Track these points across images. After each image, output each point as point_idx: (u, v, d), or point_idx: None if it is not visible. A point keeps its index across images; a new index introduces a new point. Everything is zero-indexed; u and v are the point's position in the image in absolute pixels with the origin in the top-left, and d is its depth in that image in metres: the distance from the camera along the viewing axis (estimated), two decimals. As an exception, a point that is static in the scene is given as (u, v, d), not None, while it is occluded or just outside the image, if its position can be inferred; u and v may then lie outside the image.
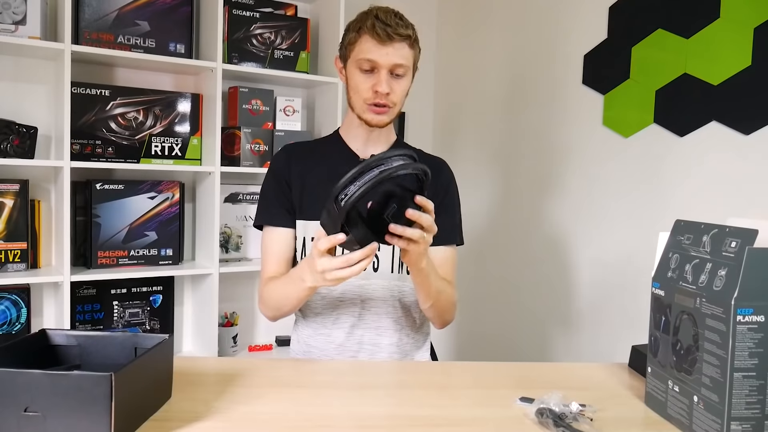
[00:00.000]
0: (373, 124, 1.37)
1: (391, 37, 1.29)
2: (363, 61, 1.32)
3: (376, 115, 1.36)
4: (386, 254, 1.40)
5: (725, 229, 0.88)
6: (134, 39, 2.14)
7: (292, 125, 2.48)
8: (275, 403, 1.00)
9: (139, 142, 2.19)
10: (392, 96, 1.34)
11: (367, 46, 1.31)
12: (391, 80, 1.33)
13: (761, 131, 1.59)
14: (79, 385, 0.78)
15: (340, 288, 1.39)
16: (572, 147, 2.19)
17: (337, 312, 1.41)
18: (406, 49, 1.33)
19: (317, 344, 1.42)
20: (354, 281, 1.38)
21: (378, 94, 1.32)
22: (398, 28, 1.30)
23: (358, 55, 1.33)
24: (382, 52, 1.30)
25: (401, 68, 1.33)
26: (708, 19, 1.71)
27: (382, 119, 1.37)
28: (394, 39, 1.30)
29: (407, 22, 1.35)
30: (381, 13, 1.32)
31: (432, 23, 2.95)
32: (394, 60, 1.31)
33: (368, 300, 1.40)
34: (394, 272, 1.41)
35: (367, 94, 1.34)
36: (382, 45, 1.30)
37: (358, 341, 1.40)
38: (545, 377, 1.18)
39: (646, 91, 1.90)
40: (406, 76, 1.36)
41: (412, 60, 1.36)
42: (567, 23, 2.21)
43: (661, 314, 0.99)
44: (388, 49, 1.30)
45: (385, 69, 1.32)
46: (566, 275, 2.22)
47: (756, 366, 0.82)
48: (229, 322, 2.41)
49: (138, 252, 2.19)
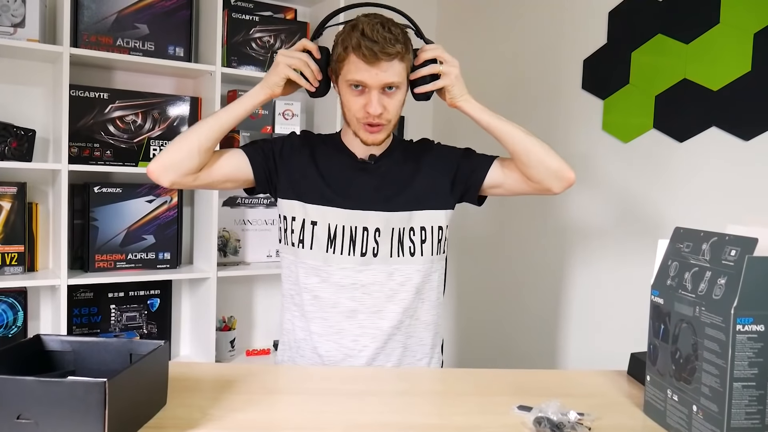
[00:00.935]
0: (369, 143, 1.36)
1: (378, 57, 1.24)
2: (352, 81, 1.29)
3: (370, 134, 1.35)
4: (385, 239, 1.39)
5: (725, 237, 0.87)
6: (133, 42, 2.14)
7: (290, 129, 2.47)
8: (271, 410, 0.99)
9: (137, 146, 2.18)
10: (385, 114, 1.32)
11: (355, 67, 1.27)
12: (383, 98, 1.30)
13: (761, 137, 1.58)
14: (72, 392, 0.78)
15: (338, 274, 1.39)
16: (572, 152, 2.18)
17: (337, 296, 1.40)
18: (396, 64, 1.28)
19: (316, 329, 1.41)
20: (354, 267, 1.38)
21: (370, 114, 1.30)
22: (386, 46, 1.24)
23: (346, 75, 1.29)
24: (372, 73, 1.26)
25: (393, 84, 1.30)
26: (708, 25, 1.70)
27: (377, 137, 1.35)
28: (382, 59, 1.25)
29: (396, 33, 1.28)
30: (367, 28, 1.25)
31: (432, 28, 2.95)
32: (384, 80, 1.27)
33: (368, 284, 1.39)
34: (393, 256, 1.40)
35: (359, 113, 1.32)
36: (369, 65, 1.26)
37: (359, 325, 1.39)
38: (544, 384, 1.18)
39: (645, 97, 1.89)
40: (400, 89, 1.33)
41: (404, 72, 1.32)
42: (567, 28, 2.21)
43: (660, 322, 0.98)
44: (377, 70, 1.26)
45: (376, 89, 1.28)
46: (565, 281, 2.21)
47: (756, 376, 0.81)
48: (227, 326, 2.40)
49: (136, 255, 2.18)
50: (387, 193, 1.41)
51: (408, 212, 1.41)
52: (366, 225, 1.39)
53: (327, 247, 1.39)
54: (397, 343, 1.41)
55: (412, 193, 1.42)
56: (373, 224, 1.39)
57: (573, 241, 2.18)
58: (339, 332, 1.40)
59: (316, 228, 1.40)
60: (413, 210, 1.41)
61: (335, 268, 1.39)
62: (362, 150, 1.43)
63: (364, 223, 1.39)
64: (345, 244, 1.39)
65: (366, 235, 1.39)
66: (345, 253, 1.39)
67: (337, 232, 1.39)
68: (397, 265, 1.40)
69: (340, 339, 1.40)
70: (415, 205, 1.42)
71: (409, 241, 1.41)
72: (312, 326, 1.42)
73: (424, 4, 2.91)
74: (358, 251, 1.39)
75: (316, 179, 1.42)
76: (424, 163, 1.47)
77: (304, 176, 1.42)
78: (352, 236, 1.39)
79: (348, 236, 1.39)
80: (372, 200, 1.40)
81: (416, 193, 1.43)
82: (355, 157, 1.44)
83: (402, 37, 1.30)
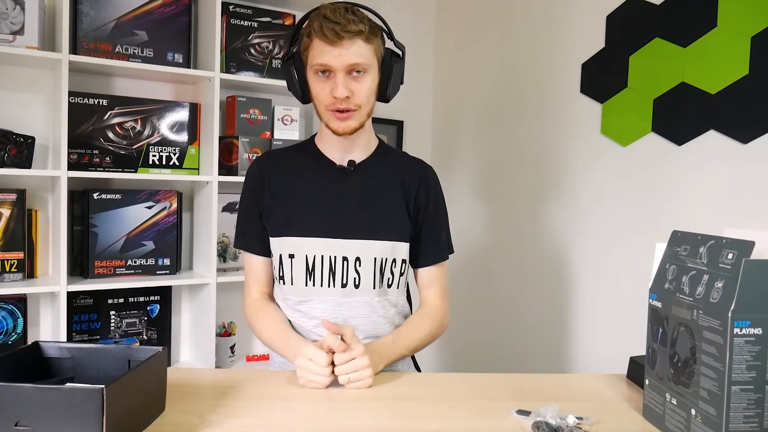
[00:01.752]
0: (340, 132, 1.30)
1: (339, 36, 1.20)
2: (317, 65, 1.25)
3: (340, 122, 1.28)
4: (368, 270, 1.35)
5: (722, 240, 0.87)
6: (132, 48, 2.14)
7: (289, 134, 2.48)
8: (270, 416, 0.99)
9: (136, 152, 2.18)
10: (354, 98, 1.26)
11: (318, 51, 1.24)
12: (349, 81, 1.25)
13: (759, 140, 1.59)
14: (70, 398, 0.78)
15: (320, 307, 1.35)
16: (570, 155, 2.18)
17: (319, 330, 1.34)
18: (361, 44, 1.23)
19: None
20: (335, 299, 1.35)
21: (337, 99, 1.25)
22: (348, 24, 1.20)
23: (311, 61, 1.26)
24: (334, 54, 1.22)
25: (359, 67, 1.24)
26: (705, 28, 1.71)
27: (347, 125, 1.29)
28: (344, 37, 1.20)
29: (362, 15, 1.25)
30: (329, 11, 1.23)
31: (430, 32, 2.95)
32: (348, 60, 1.22)
33: (349, 318, 1.35)
34: (375, 288, 1.36)
35: (327, 100, 1.27)
36: (332, 46, 1.22)
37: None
38: (543, 388, 1.18)
39: (644, 100, 1.89)
40: (369, 74, 1.27)
41: (372, 55, 1.26)
42: (565, 32, 2.22)
43: (658, 326, 0.98)
44: (340, 50, 1.22)
45: (341, 71, 1.23)
46: (564, 285, 2.21)
47: (754, 379, 0.81)
48: (227, 331, 2.40)
49: (135, 262, 2.18)
50: (366, 217, 1.36)
51: (391, 242, 1.36)
52: (345, 255, 1.34)
53: (306, 280, 1.35)
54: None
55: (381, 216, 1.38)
56: (353, 254, 1.34)
57: (571, 244, 2.18)
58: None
59: (294, 261, 1.35)
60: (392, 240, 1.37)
61: (315, 302, 1.36)
62: (339, 153, 1.38)
63: (344, 253, 1.34)
64: (324, 275, 1.35)
65: (346, 264, 1.34)
66: (325, 285, 1.35)
67: (315, 264, 1.34)
68: (378, 297, 1.37)
69: None
70: (377, 232, 1.36)
71: (389, 273, 1.38)
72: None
73: (422, 8, 2.92)
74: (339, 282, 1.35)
75: (299, 206, 1.36)
76: (401, 186, 1.41)
77: (282, 207, 1.37)
78: (331, 267, 1.34)
79: (327, 267, 1.34)
80: (352, 223, 1.35)
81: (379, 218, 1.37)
82: (332, 165, 1.39)
83: (367, 20, 1.26)
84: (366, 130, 1.38)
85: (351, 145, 1.37)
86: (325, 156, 1.40)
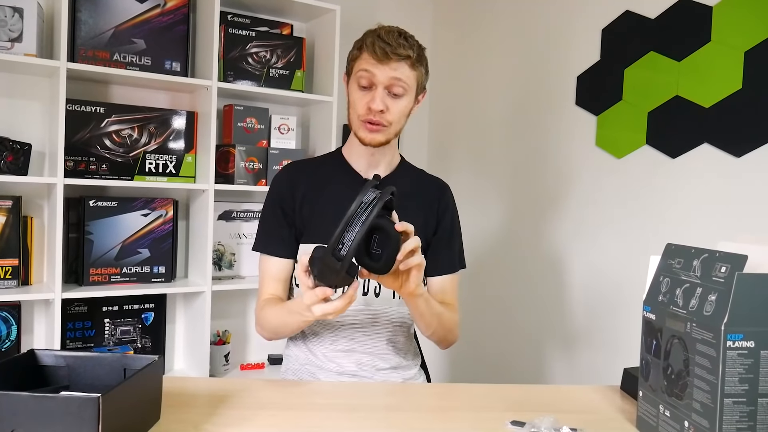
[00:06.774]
0: (366, 142, 1.34)
1: (388, 56, 1.27)
2: (361, 73, 1.30)
3: (369, 132, 1.33)
4: None
5: (715, 253, 0.88)
6: (130, 57, 2.15)
7: (286, 143, 2.49)
8: (265, 426, 0.99)
9: (133, 160, 2.18)
10: (387, 115, 1.31)
11: (366, 62, 1.30)
12: (387, 98, 1.30)
13: (752, 153, 1.60)
14: (65, 407, 0.78)
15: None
16: (565, 167, 2.20)
17: (336, 335, 1.38)
18: (406, 68, 1.30)
19: (317, 361, 1.40)
20: (355, 306, 1.35)
21: (372, 110, 1.30)
22: (398, 48, 1.27)
23: (357, 69, 1.32)
24: (380, 69, 1.29)
25: (399, 86, 1.30)
26: (699, 43, 1.73)
27: (375, 137, 1.33)
28: (392, 59, 1.27)
29: (412, 42, 1.32)
30: (384, 32, 1.30)
31: (427, 43, 2.96)
32: (391, 74, 1.28)
33: (369, 326, 1.38)
34: (395, 298, 1.38)
35: (362, 110, 1.32)
36: (379, 63, 1.28)
37: (356, 363, 1.38)
38: (538, 399, 1.18)
39: (638, 113, 1.91)
40: (406, 96, 1.33)
41: (414, 81, 1.33)
42: (561, 45, 2.23)
43: (652, 338, 0.98)
44: (386, 67, 1.28)
45: (382, 86, 1.29)
46: (559, 296, 2.22)
47: (746, 392, 0.82)
48: (221, 340, 2.40)
49: (130, 269, 2.18)
50: None
51: None
52: None
53: None
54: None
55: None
56: None
57: (565, 256, 2.19)
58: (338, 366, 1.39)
59: None
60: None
61: None
62: (365, 166, 1.42)
63: None
64: None
65: None
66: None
67: None
68: (397, 308, 1.40)
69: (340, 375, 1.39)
70: None
71: None
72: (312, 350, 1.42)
73: (418, 21, 2.93)
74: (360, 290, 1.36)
75: (323, 214, 1.38)
76: (422, 200, 1.45)
77: (309, 215, 1.39)
78: None
79: None
80: None
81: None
82: (358, 176, 1.42)
83: (417, 49, 1.32)
84: (392, 147, 1.43)
85: (378, 159, 1.42)
86: (351, 167, 1.43)
